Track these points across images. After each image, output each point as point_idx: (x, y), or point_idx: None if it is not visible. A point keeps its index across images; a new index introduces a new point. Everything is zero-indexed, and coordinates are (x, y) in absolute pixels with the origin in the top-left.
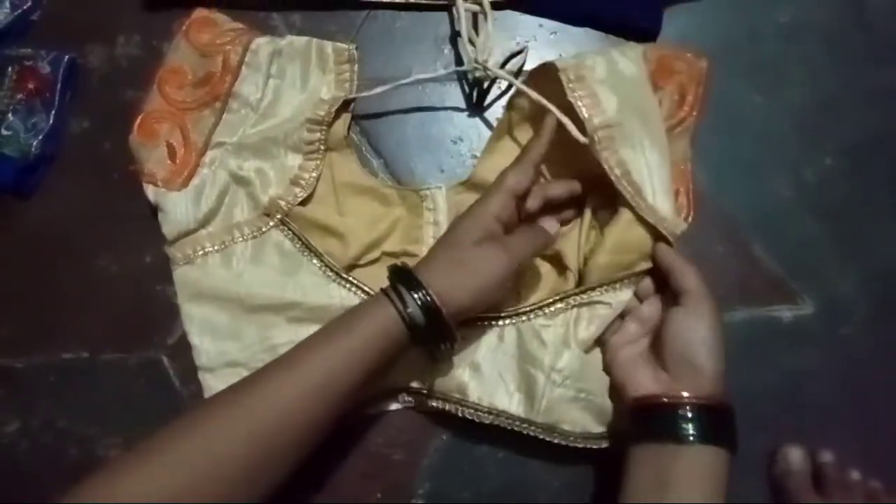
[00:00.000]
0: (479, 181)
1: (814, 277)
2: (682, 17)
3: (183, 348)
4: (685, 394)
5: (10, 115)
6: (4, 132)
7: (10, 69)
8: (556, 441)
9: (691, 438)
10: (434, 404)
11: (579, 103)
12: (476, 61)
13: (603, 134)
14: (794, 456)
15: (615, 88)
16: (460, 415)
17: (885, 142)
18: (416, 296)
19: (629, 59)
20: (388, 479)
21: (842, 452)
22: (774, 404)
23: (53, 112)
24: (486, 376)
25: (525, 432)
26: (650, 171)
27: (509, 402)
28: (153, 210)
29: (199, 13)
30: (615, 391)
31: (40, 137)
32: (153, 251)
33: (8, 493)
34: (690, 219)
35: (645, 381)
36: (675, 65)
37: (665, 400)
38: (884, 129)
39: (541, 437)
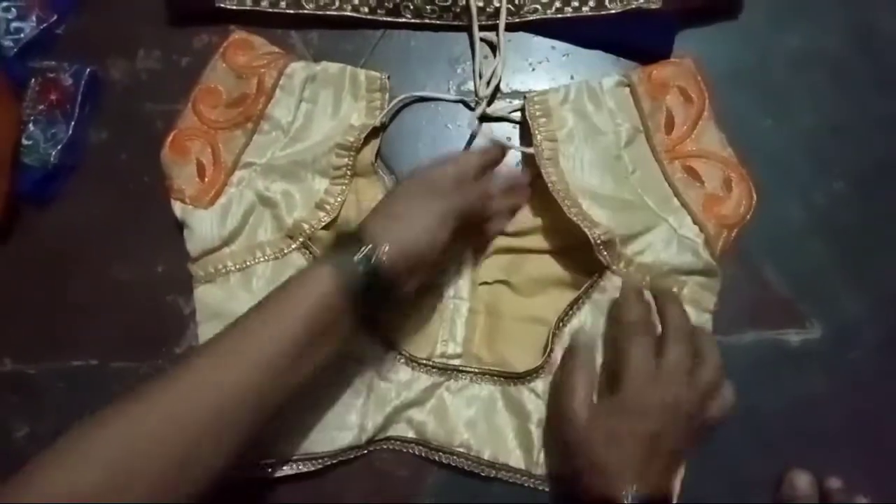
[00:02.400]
0: None
1: (823, 301)
2: (691, 42)
3: None
4: None
5: (31, 125)
6: (25, 142)
7: (33, 81)
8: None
9: None
10: (436, 458)
11: (533, 122)
12: (476, 94)
13: (547, 146)
14: (801, 482)
15: (572, 113)
16: (467, 468)
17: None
18: (359, 255)
19: (599, 89)
20: (392, 496)
21: (849, 478)
22: (781, 428)
23: (73, 123)
24: (486, 434)
25: (526, 484)
26: (585, 184)
27: (509, 456)
28: (167, 221)
29: (238, 35)
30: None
31: (59, 147)
32: (166, 261)
33: None
34: (755, 203)
35: None
36: (664, 73)
37: None
38: (893, 154)
39: (541, 488)
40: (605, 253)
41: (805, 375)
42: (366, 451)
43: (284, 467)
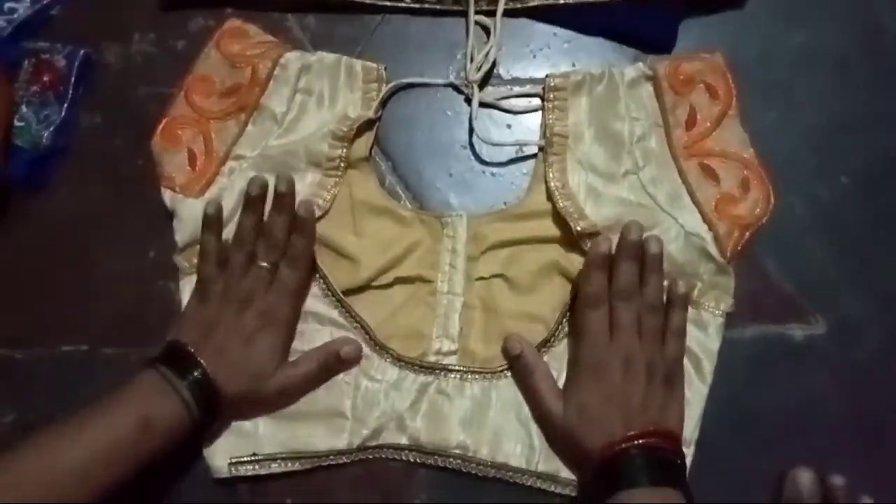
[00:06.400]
0: (506, 214)
1: (827, 297)
2: (694, 33)
3: None
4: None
5: (23, 106)
6: (17, 123)
7: (26, 62)
8: (556, 490)
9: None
10: (431, 462)
11: (548, 113)
12: (466, 79)
13: (557, 141)
14: (804, 479)
15: (588, 106)
16: (464, 470)
17: None
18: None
19: (620, 79)
20: (385, 487)
21: (852, 476)
22: (784, 425)
23: (66, 105)
24: (482, 433)
25: (527, 484)
26: (588, 181)
27: (510, 455)
28: (159, 207)
29: (232, 23)
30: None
31: (51, 129)
32: (157, 247)
33: None
34: (772, 206)
35: None
36: (692, 67)
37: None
38: None
39: (541, 486)
40: (590, 245)
41: (808, 371)
42: (357, 459)
43: (273, 465)
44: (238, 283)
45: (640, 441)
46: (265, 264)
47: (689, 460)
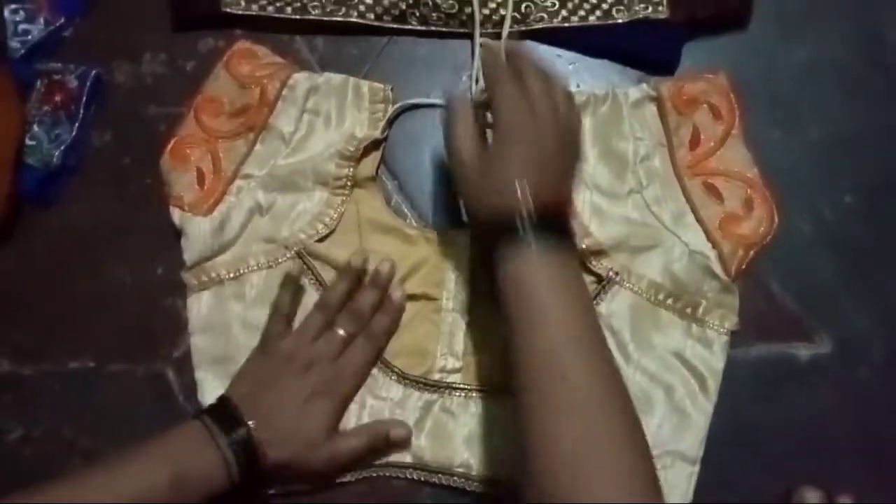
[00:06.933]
0: None
1: (831, 315)
2: (698, 53)
3: (188, 363)
4: None
5: (35, 125)
6: (29, 142)
7: (39, 82)
8: None
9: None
10: (435, 480)
11: None
12: (471, 100)
13: None
14: (811, 499)
15: (591, 127)
16: (468, 489)
17: None
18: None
19: (624, 100)
20: (389, 496)
21: (858, 495)
22: (789, 444)
23: (77, 125)
24: (486, 451)
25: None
26: (593, 201)
27: (513, 474)
28: (168, 224)
29: (241, 45)
30: None
31: (62, 149)
32: (165, 264)
33: None
34: (776, 225)
35: None
36: (695, 87)
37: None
38: None
39: None
40: (594, 262)
41: (813, 391)
42: (361, 476)
43: (277, 485)
44: (309, 344)
45: (544, 203)
46: (342, 332)
47: (694, 478)
